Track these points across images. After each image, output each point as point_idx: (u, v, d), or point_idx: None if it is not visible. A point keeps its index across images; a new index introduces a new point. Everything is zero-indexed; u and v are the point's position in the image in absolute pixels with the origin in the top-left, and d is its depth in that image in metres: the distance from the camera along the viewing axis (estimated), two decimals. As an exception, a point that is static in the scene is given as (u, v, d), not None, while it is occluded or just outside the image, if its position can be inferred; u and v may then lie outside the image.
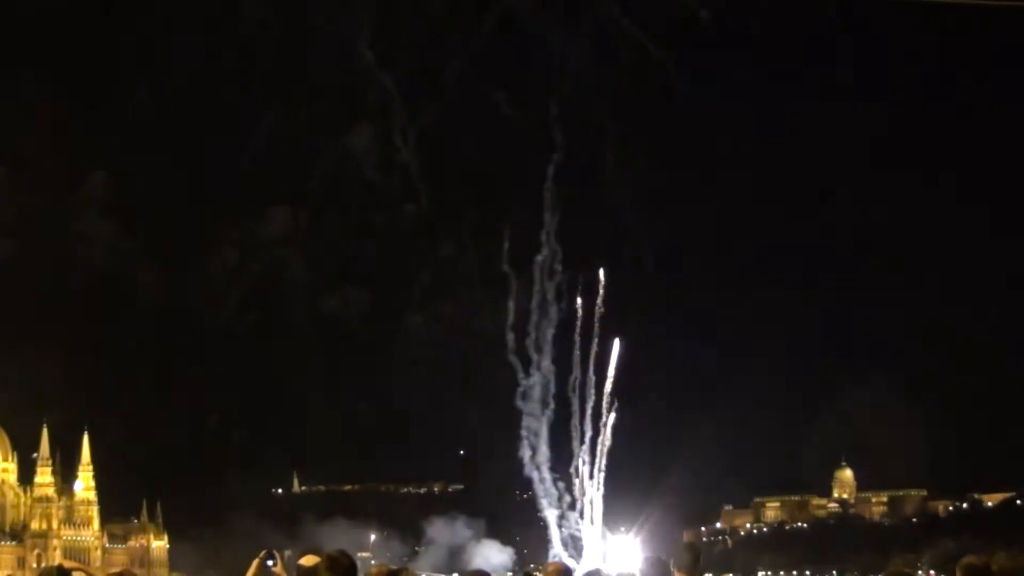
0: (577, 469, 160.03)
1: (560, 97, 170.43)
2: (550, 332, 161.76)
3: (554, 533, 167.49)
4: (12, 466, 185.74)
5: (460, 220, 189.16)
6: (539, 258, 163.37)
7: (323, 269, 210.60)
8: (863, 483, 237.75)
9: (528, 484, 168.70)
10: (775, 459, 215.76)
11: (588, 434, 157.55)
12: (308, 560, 12.79)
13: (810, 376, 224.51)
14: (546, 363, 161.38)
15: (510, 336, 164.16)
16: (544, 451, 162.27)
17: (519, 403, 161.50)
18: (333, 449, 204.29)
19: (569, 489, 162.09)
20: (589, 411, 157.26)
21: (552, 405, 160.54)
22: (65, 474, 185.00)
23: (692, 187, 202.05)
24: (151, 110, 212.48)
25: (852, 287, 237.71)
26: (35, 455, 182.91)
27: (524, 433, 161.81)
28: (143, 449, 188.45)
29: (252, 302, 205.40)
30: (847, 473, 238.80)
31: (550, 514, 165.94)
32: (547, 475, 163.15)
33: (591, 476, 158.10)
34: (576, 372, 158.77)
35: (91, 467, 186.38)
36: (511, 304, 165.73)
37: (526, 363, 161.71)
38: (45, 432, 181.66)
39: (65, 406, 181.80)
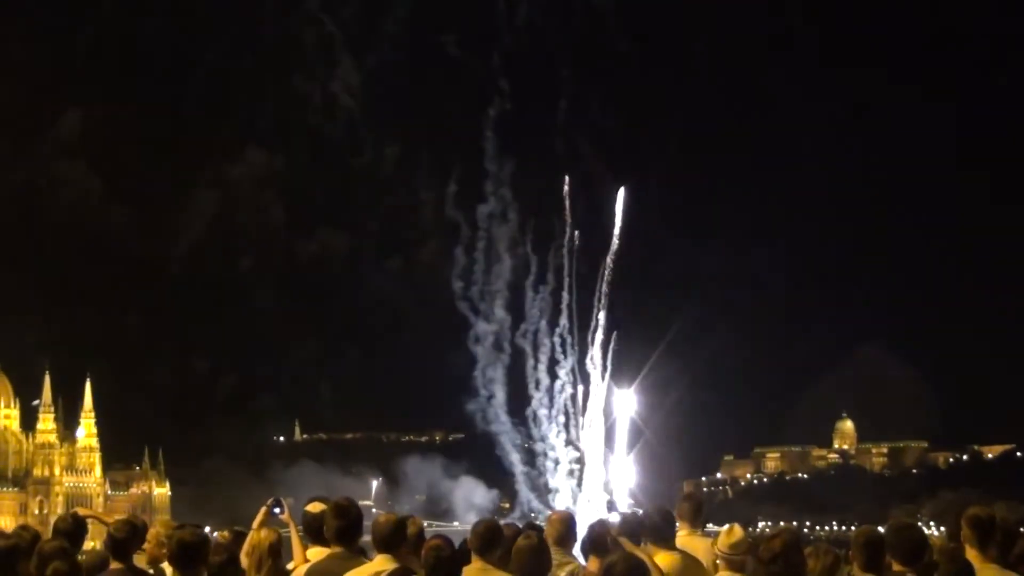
0: (534, 414, 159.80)
1: (509, 42, 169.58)
2: (503, 280, 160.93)
3: (520, 480, 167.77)
4: (14, 412, 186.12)
5: (418, 165, 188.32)
6: (484, 207, 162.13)
7: (298, 211, 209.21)
8: (864, 434, 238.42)
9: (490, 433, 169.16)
10: (776, 409, 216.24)
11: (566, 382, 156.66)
12: (314, 507, 12.82)
13: (812, 327, 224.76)
14: (500, 312, 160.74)
15: (458, 284, 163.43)
16: (501, 397, 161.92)
17: (473, 349, 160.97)
18: (330, 397, 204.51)
19: (530, 435, 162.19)
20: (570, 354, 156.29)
21: (508, 351, 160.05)
22: (67, 421, 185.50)
23: (651, 135, 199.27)
24: (120, 50, 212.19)
25: (853, 238, 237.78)
26: (37, 402, 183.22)
27: (478, 376, 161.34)
28: (142, 396, 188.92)
29: (227, 245, 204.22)
30: (848, 424, 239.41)
31: (515, 459, 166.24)
32: (506, 419, 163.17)
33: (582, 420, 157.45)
34: (537, 320, 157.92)
35: (93, 414, 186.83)
36: (459, 251, 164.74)
37: (476, 311, 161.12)
38: (47, 379, 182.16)
39: (67, 353, 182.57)
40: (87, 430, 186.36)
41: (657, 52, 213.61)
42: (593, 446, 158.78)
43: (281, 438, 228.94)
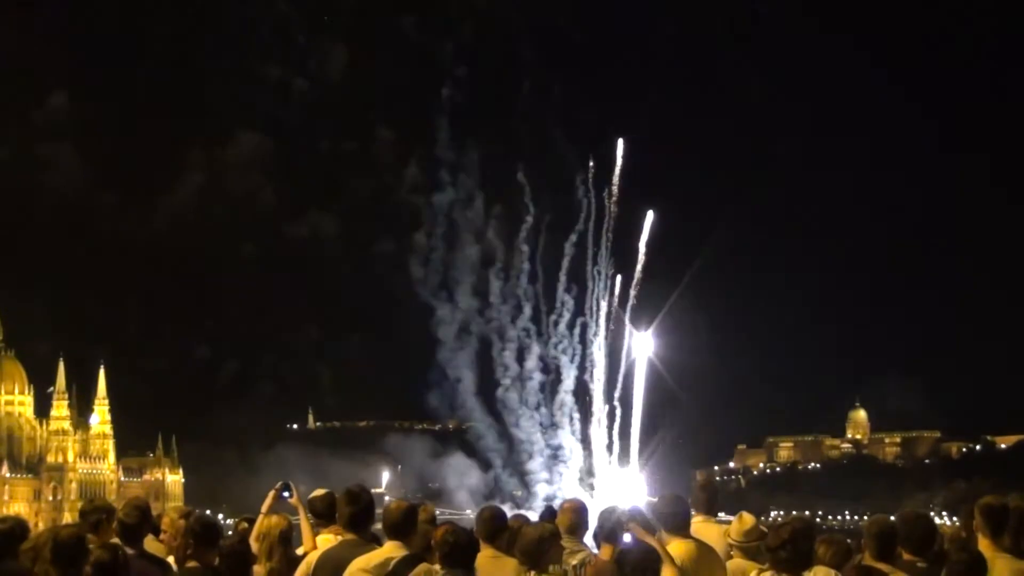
0: (502, 399, 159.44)
1: (467, 25, 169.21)
2: (468, 265, 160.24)
3: (497, 469, 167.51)
4: (28, 399, 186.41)
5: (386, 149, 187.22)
6: (445, 195, 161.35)
7: (288, 194, 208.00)
8: (876, 424, 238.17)
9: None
10: (789, 399, 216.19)
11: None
12: (320, 492, 12.90)
13: (824, 317, 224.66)
14: (466, 299, 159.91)
15: (418, 269, 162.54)
16: (469, 381, 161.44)
17: (439, 335, 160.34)
18: (336, 385, 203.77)
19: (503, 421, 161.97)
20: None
21: (474, 333, 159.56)
22: (81, 408, 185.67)
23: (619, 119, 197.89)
24: (107, 31, 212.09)
25: (867, 226, 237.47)
26: (51, 388, 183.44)
27: (442, 361, 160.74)
28: (150, 383, 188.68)
29: (219, 229, 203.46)
30: (861, 414, 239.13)
31: (491, 443, 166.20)
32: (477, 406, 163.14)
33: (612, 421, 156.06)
34: (500, 305, 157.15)
35: (107, 401, 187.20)
36: (420, 236, 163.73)
37: (439, 297, 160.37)
38: (61, 365, 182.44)
39: (81, 340, 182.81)
40: (101, 417, 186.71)
41: (621, 36, 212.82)
42: (571, 435, 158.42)
43: (295, 426, 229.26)
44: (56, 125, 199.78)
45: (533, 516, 15.69)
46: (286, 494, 13.53)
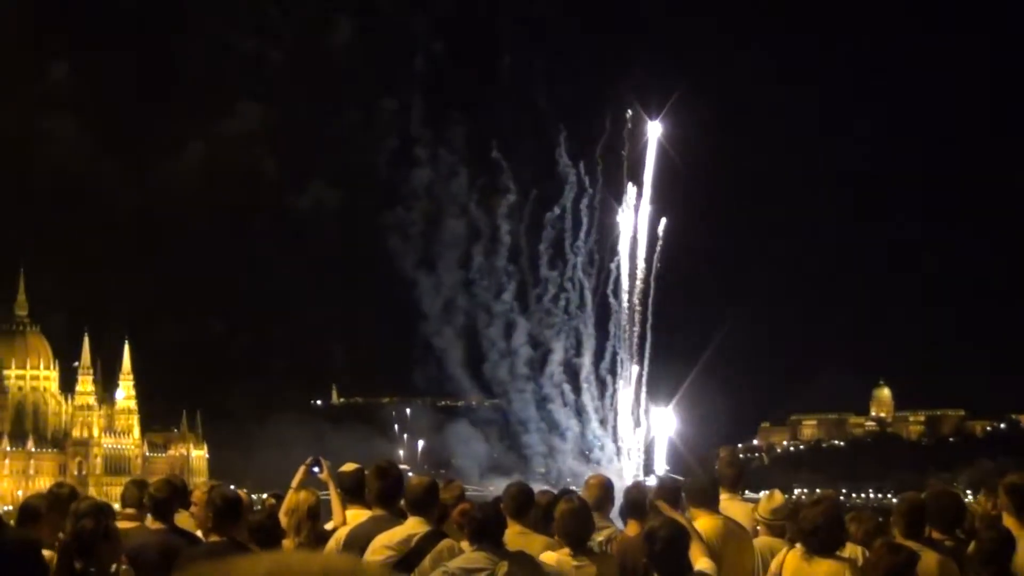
0: (491, 374, 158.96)
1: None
2: (453, 240, 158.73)
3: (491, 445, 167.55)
4: (54, 374, 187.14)
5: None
6: (423, 171, 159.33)
7: (291, 167, 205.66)
8: (901, 402, 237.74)
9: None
10: (813, 377, 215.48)
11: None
12: (348, 467, 12.94)
13: (848, 295, 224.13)
14: (450, 275, 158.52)
15: (396, 242, 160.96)
16: (456, 357, 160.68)
17: (426, 310, 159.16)
18: (355, 360, 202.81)
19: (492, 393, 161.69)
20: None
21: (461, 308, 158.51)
22: (106, 383, 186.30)
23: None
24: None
25: (896, 206, 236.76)
26: (76, 364, 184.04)
27: (428, 334, 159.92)
28: (177, 358, 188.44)
29: (222, 202, 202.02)
30: (885, 392, 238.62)
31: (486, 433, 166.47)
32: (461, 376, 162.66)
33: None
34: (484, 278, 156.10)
35: (132, 376, 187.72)
36: (397, 211, 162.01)
37: (421, 271, 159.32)
38: (86, 341, 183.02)
39: (106, 314, 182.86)
40: (126, 392, 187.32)
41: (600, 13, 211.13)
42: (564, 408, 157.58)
43: (319, 402, 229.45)
44: (60, 97, 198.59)
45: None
46: (316, 469, 13.61)
